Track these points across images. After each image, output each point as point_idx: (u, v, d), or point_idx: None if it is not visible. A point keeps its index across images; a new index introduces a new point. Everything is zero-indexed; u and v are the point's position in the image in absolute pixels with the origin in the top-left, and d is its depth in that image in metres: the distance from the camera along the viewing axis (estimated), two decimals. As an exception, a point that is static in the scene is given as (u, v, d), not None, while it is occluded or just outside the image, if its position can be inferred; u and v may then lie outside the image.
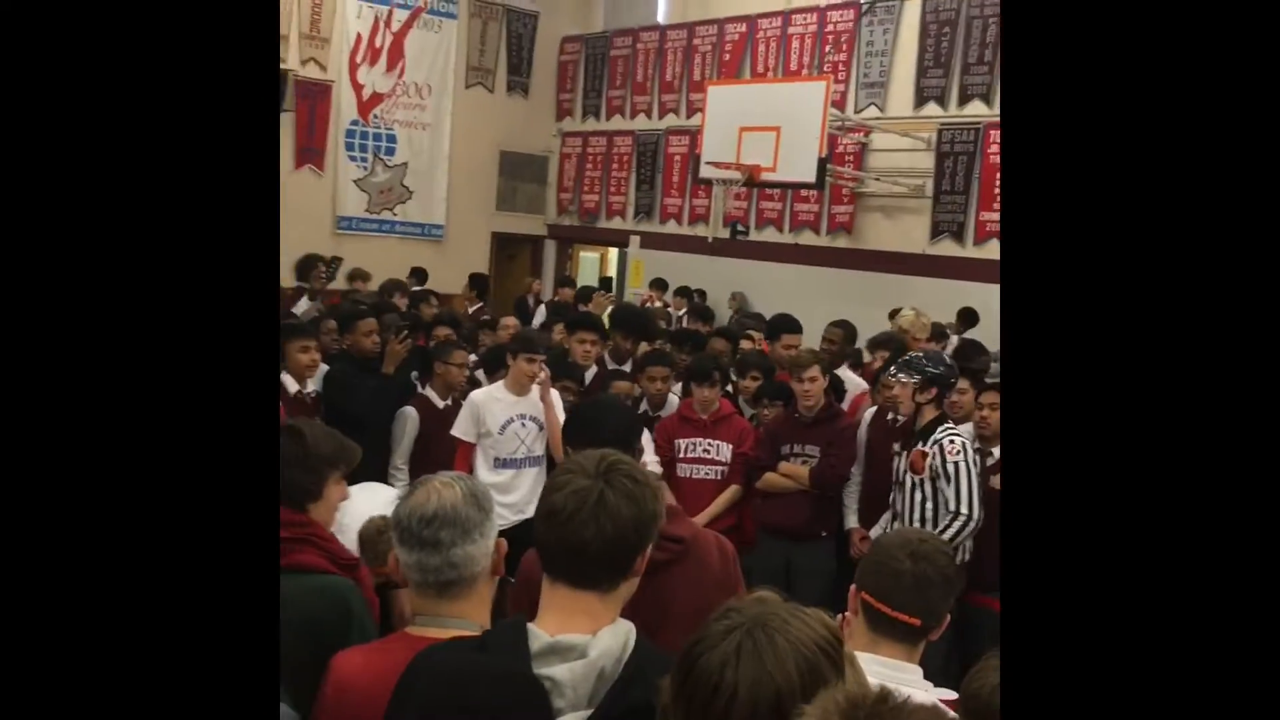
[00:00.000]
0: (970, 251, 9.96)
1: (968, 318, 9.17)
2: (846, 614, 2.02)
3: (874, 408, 5.12)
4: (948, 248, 10.14)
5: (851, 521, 4.87)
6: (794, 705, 1.26)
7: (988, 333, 8.19)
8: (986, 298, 9.20)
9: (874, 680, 1.74)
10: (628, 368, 5.80)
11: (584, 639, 1.57)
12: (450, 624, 1.84)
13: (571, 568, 1.63)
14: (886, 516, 4.64)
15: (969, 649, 4.01)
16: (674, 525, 2.32)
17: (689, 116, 12.32)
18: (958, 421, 4.51)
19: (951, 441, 4.23)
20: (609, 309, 7.57)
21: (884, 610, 1.92)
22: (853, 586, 2.01)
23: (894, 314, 7.45)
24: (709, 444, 4.97)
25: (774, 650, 1.30)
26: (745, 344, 6.39)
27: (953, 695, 3.13)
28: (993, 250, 9.74)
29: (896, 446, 4.57)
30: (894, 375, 4.46)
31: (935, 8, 10.23)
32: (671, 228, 12.81)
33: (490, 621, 1.90)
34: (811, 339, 6.55)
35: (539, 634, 1.57)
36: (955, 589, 1.98)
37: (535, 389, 4.71)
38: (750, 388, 5.37)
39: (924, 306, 8.84)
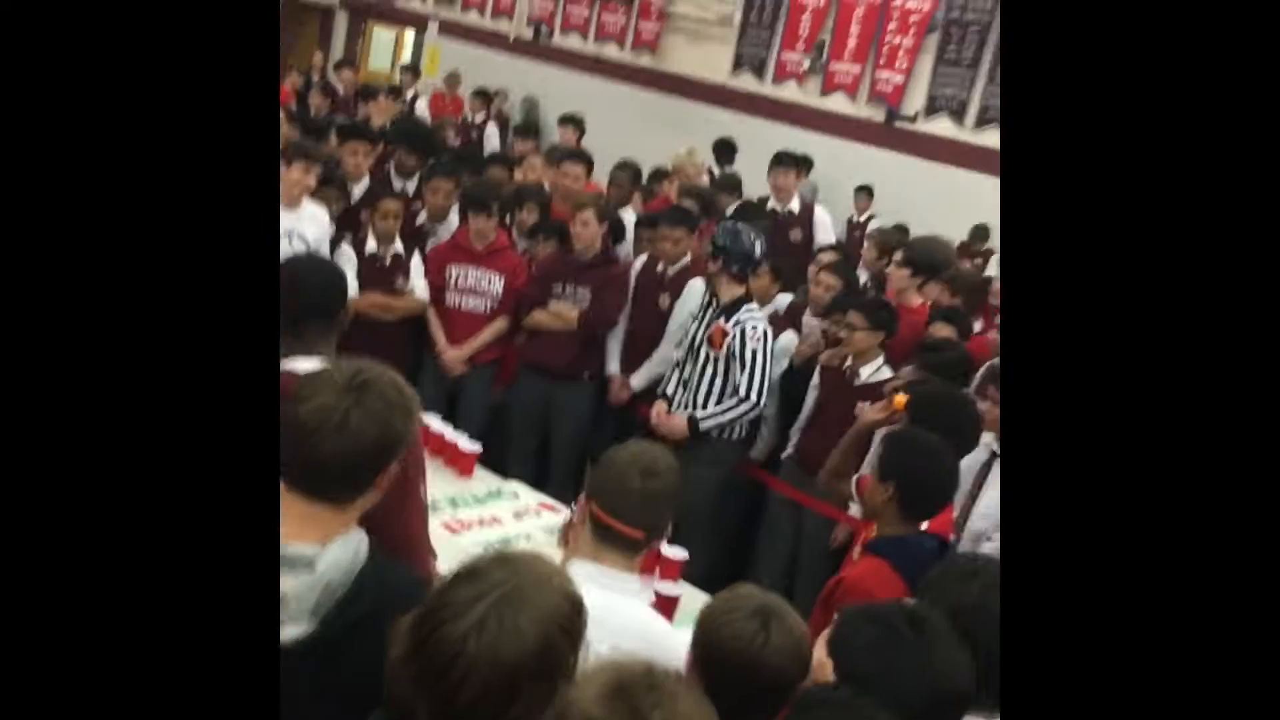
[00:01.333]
0: (768, 89, 10.02)
1: (724, 151, 8.70)
2: (573, 520, 2.10)
3: (644, 255, 5.16)
4: (748, 82, 10.16)
5: (613, 367, 4.97)
6: (527, 681, 1.31)
7: (748, 165, 8.20)
8: (781, 139, 9.34)
9: (595, 589, 1.83)
10: (412, 184, 5.60)
11: (313, 550, 1.58)
12: None
13: (308, 480, 1.63)
14: (653, 366, 4.72)
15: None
16: None
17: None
18: (760, 303, 4.53)
19: (754, 328, 4.27)
20: (393, 115, 7.20)
21: (613, 524, 1.99)
22: (582, 496, 2.09)
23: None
24: (481, 274, 4.91)
25: (517, 626, 1.33)
26: (527, 173, 6.23)
27: (679, 554, 3.37)
28: (789, 90, 9.86)
29: (665, 299, 4.65)
30: (709, 253, 4.36)
31: None
32: (474, 19, 12.19)
33: None
34: (606, 155, 6.44)
35: None
36: (677, 501, 2.08)
37: (310, 203, 4.50)
38: (526, 221, 5.30)
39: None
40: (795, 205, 6.62)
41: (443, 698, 1.32)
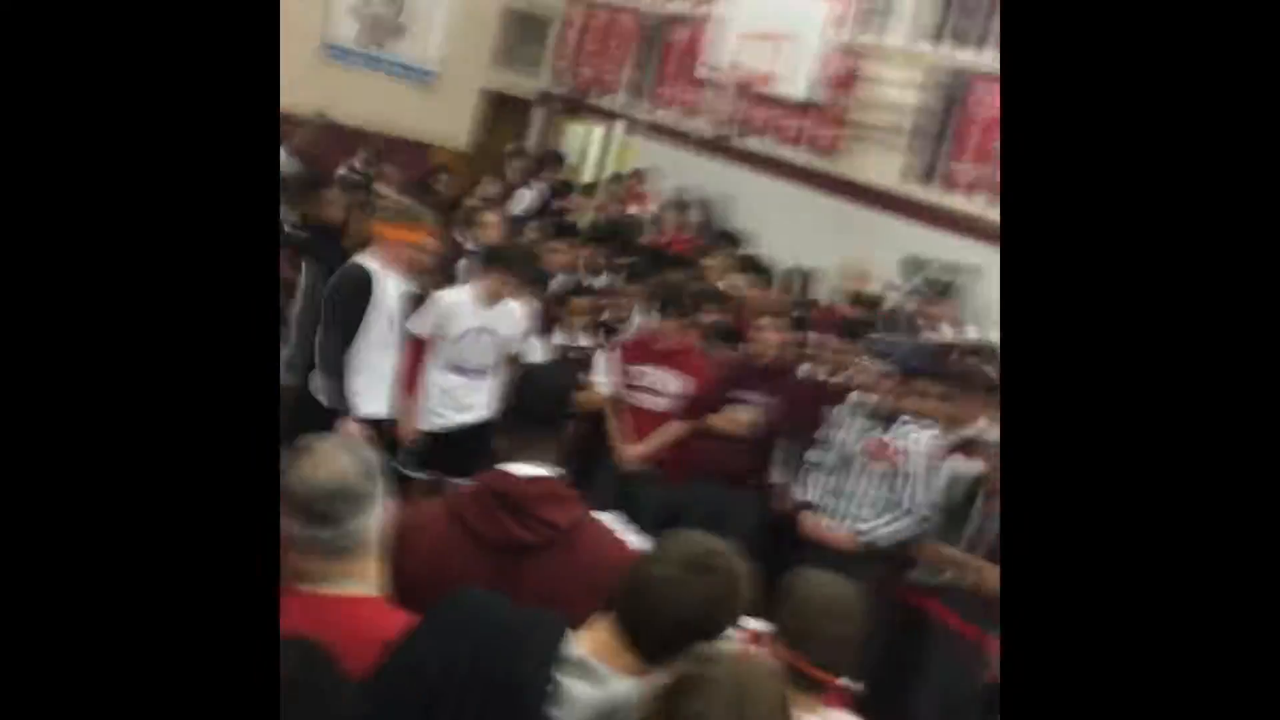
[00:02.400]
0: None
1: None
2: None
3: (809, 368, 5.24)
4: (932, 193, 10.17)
5: (776, 476, 5.01)
6: None
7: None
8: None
9: None
10: (603, 279, 5.87)
11: (610, 674, 1.70)
12: (345, 584, 1.85)
13: (635, 628, 1.74)
14: (822, 479, 4.66)
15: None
16: (555, 509, 2.33)
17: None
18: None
19: (917, 442, 4.31)
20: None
21: (808, 671, 2.04)
22: (765, 628, 2.15)
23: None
24: (664, 376, 5.04)
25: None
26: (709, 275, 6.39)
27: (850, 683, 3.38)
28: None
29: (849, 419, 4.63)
30: (864, 359, 4.44)
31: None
32: (662, 116, 12.65)
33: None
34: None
35: (575, 644, 1.71)
36: (859, 628, 2.11)
37: (510, 301, 4.76)
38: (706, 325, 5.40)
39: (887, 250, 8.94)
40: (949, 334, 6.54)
41: None
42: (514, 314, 4.84)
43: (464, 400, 4.77)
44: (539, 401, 2.50)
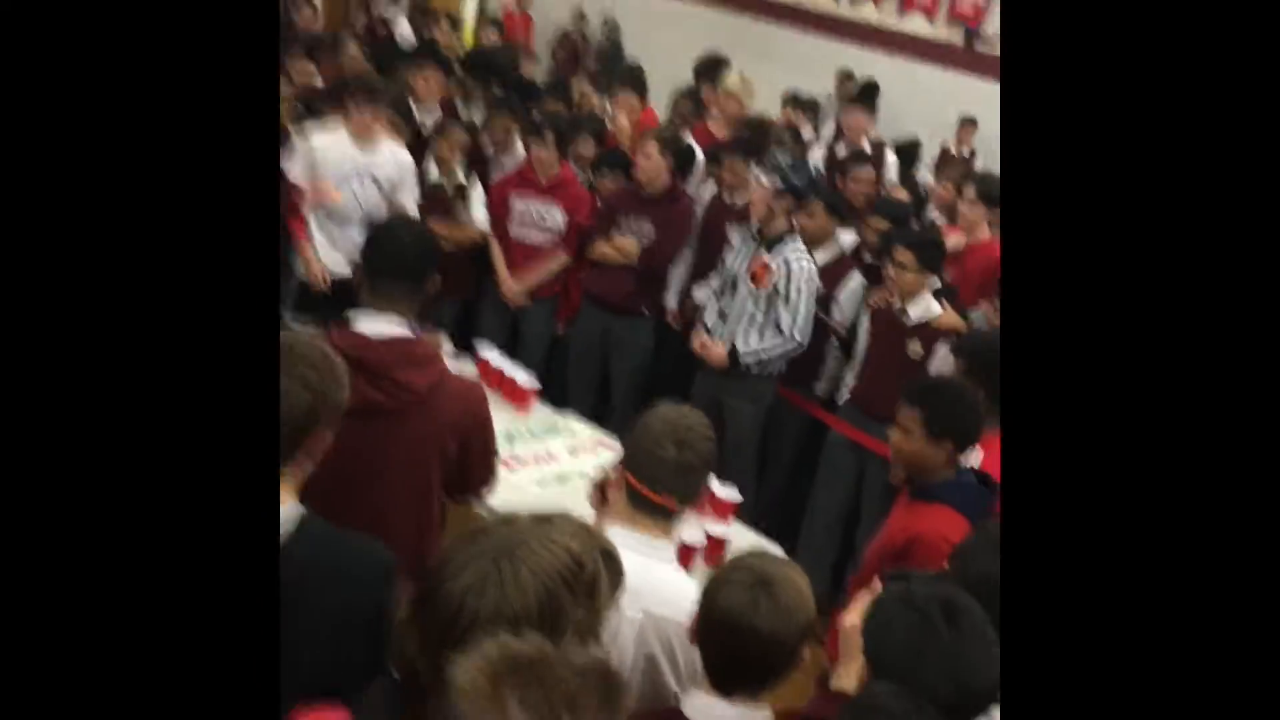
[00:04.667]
0: (845, 10, 9.75)
1: (868, 93, 8.20)
2: (611, 479, 2.16)
3: (716, 190, 5.12)
4: (823, 2, 9.88)
5: (671, 301, 4.99)
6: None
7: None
8: (855, 61, 9.12)
9: (630, 554, 1.89)
10: (479, 114, 5.62)
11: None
12: None
13: None
14: (708, 295, 4.62)
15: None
16: (412, 371, 2.33)
17: None
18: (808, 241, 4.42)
19: (801, 266, 4.24)
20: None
21: (645, 493, 2.04)
22: (619, 463, 2.14)
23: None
24: (544, 207, 4.94)
25: (517, 580, 1.35)
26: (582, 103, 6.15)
27: (731, 494, 3.41)
28: (866, 11, 9.58)
29: (735, 239, 4.56)
30: (753, 173, 4.34)
31: None
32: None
33: None
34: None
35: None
36: (711, 469, 2.12)
37: (389, 142, 4.55)
38: (583, 153, 5.26)
39: (793, 64, 8.75)
40: (866, 145, 6.41)
41: (446, 655, 1.33)
42: (397, 157, 4.61)
43: (348, 250, 4.49)
44: (396, 257, 2.39)
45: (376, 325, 2.33)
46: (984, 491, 2.60)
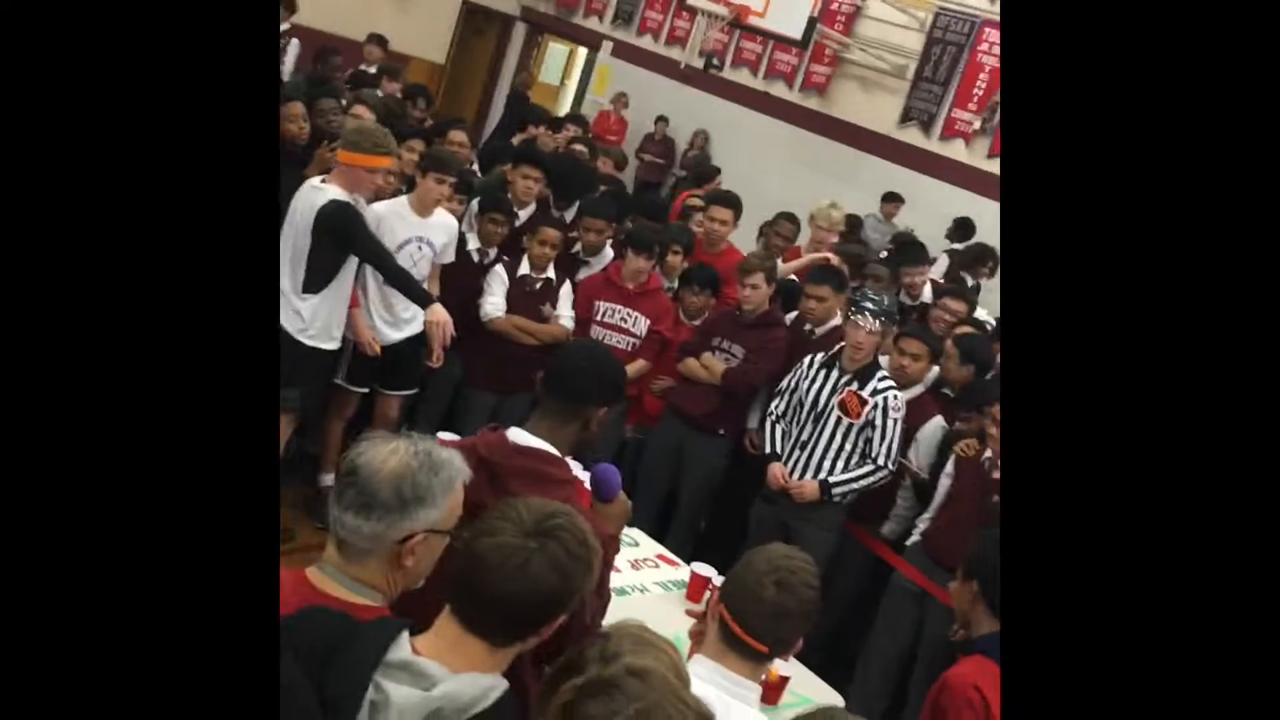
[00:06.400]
0: (934, 145, 9.85)
1: (964, 228, 8.66)
2: (706, 613, 2.10)
3: (793, 313, 5.11)
4: (913, 135, 10.01)
5: (751, 423, 4.92)
6: None
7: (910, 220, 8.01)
8: (945, 196, 9.19)
9: (713, 690, 1.83)
10: (571, 212, 5.68)
11: (441, 673, 1.54)
12: (357, 590, 1.74)
13: (472, 614, 1.58)
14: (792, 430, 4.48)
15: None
16: (524, 485, 2.13)
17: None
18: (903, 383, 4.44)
19: (895, 398, 4.25)
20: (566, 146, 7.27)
21: (737, 631, 1.98)
22: (715, 593, 2.08)
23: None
24: (627, 313, 4.97)
25: None
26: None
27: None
28: (955, 150, 9.68)
29: (817, 371, 4.45)
30: (854, 316, 4.29)
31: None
32: (647, 43, 12.33)
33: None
34: (768, 195, 6.23)
35: (404, 646, 1.56)
36: (811, 621, 2.05)
37: (441, 212, 4.66)
38: (673, 263, 5.30)
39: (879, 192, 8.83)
40: (928, 295, 5.96)
41: None
42: (446, 224, 4.72)
43: (401, 315, 4.62)
44: (569, 379, 2.32)
45: (524, 436, 2.26)
46: None
